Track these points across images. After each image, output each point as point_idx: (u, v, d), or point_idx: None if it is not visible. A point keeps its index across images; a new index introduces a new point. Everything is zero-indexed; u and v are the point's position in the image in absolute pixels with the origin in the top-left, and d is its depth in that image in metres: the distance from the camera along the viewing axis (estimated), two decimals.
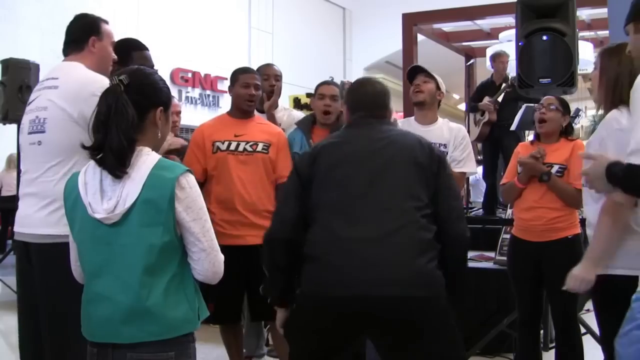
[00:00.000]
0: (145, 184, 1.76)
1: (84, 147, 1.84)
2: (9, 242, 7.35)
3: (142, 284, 1.75)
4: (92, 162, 1.84)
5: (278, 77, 4.15)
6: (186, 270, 1.85)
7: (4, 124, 6.41)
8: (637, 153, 1.87)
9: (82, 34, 2.65)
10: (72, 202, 1.84)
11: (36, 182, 2.45)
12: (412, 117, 3.66)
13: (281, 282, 2.40)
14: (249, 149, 3.53)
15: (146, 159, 1.81)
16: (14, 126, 6.46)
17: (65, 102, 2.41)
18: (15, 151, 6.94)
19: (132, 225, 1.76)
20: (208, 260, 1.83)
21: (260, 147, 3.55)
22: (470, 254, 4.56)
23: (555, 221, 3.38)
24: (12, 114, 6.20)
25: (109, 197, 1.77)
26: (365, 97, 2.53)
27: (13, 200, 7.71)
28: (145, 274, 1.76)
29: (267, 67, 4.27)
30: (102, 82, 2.26)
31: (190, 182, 1.82)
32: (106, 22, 2.75)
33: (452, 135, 3.55)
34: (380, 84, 2.63)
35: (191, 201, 1.81)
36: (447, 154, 3.41)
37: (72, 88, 2.44)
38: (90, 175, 1.82)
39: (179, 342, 1.81)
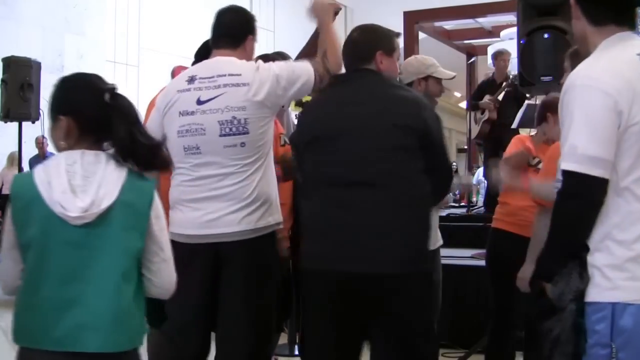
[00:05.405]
0: (125, 187, 1.71)
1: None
2: None
3: (117, 290, 1.68)
4: (52, 162, 1.75)
5: None
6: (140, 281, 1.78)
7: (5, 122, 6.39)
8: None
9: (240, 30, 2.60)
10: (25, 203, 1.70)
11: (231, 185, 2.39)
12: None
13: None
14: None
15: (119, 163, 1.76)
16: (15, 124, 6.45)
17: (258, 95, 2.40)
18: (16, 149, 6.90)
19: (111, 228, 1.69)
20: (168, 271, 1.79)
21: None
22: (472, 252, 4.56)
23: None
24: (13, 112, 6.19)
25: (82, 197, 1.67)
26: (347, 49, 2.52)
27: None
28: (121, 279, 1.69)
29: None
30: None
31: (157, 190, 1.80)
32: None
33: None
34: (358, 31, 2.61)
35: (159, 210, 1.78)
36: None
37: (262, 78, 2.42)
38: (55, 174, 1.70)
39: (137, 354, 1.76)
